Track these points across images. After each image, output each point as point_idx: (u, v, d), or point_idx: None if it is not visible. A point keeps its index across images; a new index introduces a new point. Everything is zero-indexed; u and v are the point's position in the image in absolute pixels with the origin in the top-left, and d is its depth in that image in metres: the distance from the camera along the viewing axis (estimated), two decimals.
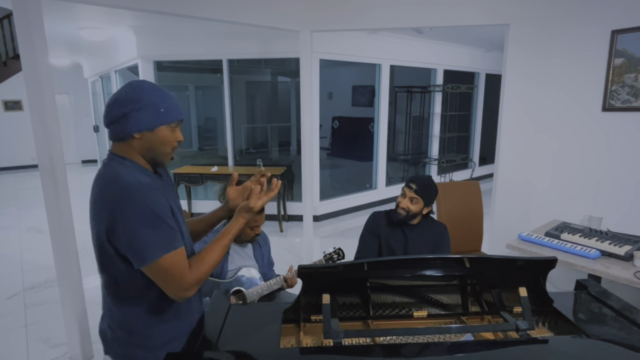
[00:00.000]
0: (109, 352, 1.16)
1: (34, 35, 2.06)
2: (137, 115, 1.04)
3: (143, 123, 1.05)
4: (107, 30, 4.92)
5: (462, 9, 3.01)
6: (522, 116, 3.02)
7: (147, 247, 1.00)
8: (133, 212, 0.99)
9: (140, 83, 1.08)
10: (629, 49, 2.53)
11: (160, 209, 1.03)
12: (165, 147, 1.10)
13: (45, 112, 2.14)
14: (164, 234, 1.02)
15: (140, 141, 1.07)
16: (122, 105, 1.04)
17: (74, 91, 9.71)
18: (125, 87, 1.07)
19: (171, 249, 1.02)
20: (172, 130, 1.10)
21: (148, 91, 1.06)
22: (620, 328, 1.22)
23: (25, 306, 3.10)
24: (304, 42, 3.36)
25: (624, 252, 2.06)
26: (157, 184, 1.10)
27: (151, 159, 1.11)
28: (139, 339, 1.11)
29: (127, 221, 0.99)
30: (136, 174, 1.06)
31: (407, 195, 1.96)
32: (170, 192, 1.18)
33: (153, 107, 1.05)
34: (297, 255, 4.08)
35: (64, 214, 2.26)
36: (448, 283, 1.35)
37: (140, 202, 1.00)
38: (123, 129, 1.06)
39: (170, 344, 1.14)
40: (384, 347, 1.15)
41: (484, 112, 7.53)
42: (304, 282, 1.20)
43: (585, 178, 2.84)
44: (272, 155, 6.19)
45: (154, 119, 1.06)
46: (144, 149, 1.09)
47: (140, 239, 1.00)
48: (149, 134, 1.07)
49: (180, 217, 1.16)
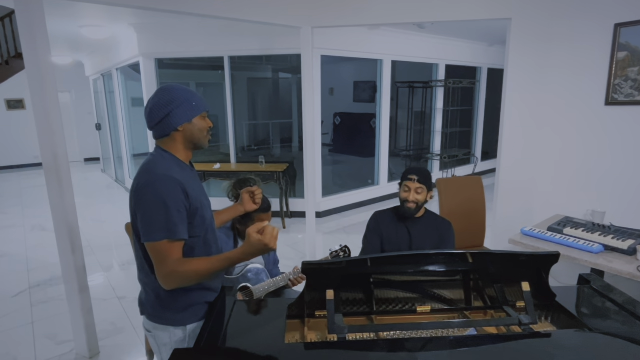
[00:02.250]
0: (144, 313, 1.37)
1: (37, 33, 2.07)
2: (176, 112, 1.26)
3: (183, 117, 1.27)
4: (108, 28, 4.92)
5: (463, 3, 2.99)
6: (525, 111, 3.01)
7: (151, 227, 1.17)
8: (151, 196, 1.18)
9: (171, 86, 1.30)
10: (633, 42, 2.51)
11: (174, 201, 1.18)
12: (202, 133, 1.32)
13: (49, 111, 2.15)
14: (170, 222, 1.17)
15: (183, 133, 1.29)
16: (164, 107, 1.26)
17: (75, 89, 9.73)
18: (161, 93, 1.28)
19: (171, 237, 1.18)
20: (204, 118, 1.33)
21: (179, 91, 1.28)
22: (623, 322, 1.23)
23: (32, 304, 3.13)
24: (305, 39, 3.35)
25: (627, 246, 2.05)
26: (188, 175, 1.29)
27: (194, 145, 1.33)
28: (166, 302, 1.30)
29: (144, 203, 1.19)
30: (170, 166, 1.25)
31: (411, 188, 1.99)
32: (198, 183, 1.37)
33: (187, 104, 1.27)
34: (300, 252, 4.09)
35: (68, 211, 2.28)
36: (451, 278, 1.35)
37: (159, 190, 1.18)
38: (168, 126, 1.27)
39: (192, 308, 1.33)
40: (388, 342, 1.16)
41: (486, 107, 7.50)
42: (308, 278, 1.21)
43: (588, 172, 2.83)
44: (274, 152, 6.19)
45: (189, 112, 1.28)
46: (186, 139, 1.31)
47: (148, 219, 1.18)
48: (188, 125, 1.29)
49: (205, 201, 1.35)
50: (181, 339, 1.33)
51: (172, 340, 1.33)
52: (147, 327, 1.37)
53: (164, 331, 1.33)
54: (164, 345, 1.35)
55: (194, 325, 1.33)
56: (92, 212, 5.77)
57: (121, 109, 6.69)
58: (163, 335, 1.34)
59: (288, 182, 5.08)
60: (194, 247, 1.30)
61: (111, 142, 7.82)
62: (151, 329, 1.36)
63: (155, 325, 1.34)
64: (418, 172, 2.01)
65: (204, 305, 1.36)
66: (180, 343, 1.33)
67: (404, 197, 2.02)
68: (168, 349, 1.34)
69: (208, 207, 1.38)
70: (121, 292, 3.29)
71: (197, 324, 1.33)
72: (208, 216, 1.36)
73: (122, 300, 3.16)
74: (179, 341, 1.33)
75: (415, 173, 2.00)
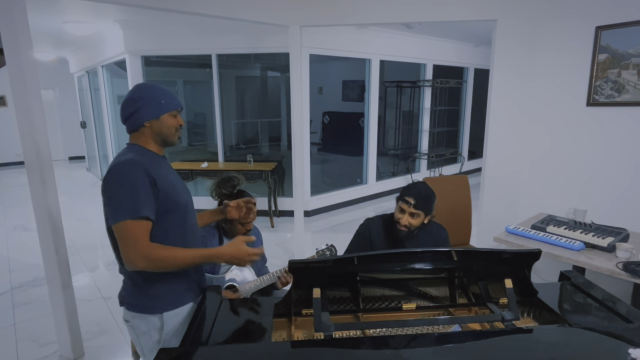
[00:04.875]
0: (123, 304, 1.40)
1: (18, 29, 2.02)
2: (144, 109, 1.33)
3: (150, 114, 1.34)
4: (93, 25, 4.83)
5: (450, 4, 3.03)
6: (510, 111, 3.07)
7: (117, 209, 1.22)
8: (116, 180, 1.23)
9: (144, 84, 1.40)
10: (613, 45, 2.57)
11: (136, 182, 1.22)
12: (170, 130, 1.38)
13: (31, 108, 2.11)
14: (132, 202, 1.21)
15: (150, 128, 1.35)
16: (133, 103, 1.33)
17: (59, 86, 9.53)
18: (133, 89, 1.37)
19: (135, 217, 1.21)
20: (174, 116, 1.38)
21: (150, 89, 1.36)
22: (602, 317, 1.26)
23: (14, 305, 3.06)
24: (293, 37, 3.35)
25: (606, 243, 2.11)
26: (157, 162, 1.34)
27: (162, 140, 1.38)
28: (142, 289, 1.35)
29: (110, 186, 1.24)
30: (135, 154, 1.29)
31: (406, 211, 1.79)
32: (171, 171, 1.41)
33: (156, 101, 1.34)
34: (288, 251, 4.09)
35: (52, 210, 2.24)
36: (436, 276, 1.37)
37: (121, 173, 1.23)
38: (136, 122, 1.34)
39: (168, 294, 1.36)
40: (374, 339, 1.17)
41: (472, 107, 7.60)
42: (294, 276, 1.21)
43: (570, 172, 2.90)
44: (262, 151, 6.17)
45: (157, 109, 1.34)
46: (154, 134, 1.37)
47: (114, 201, 1.23)
48: (156, 122, 1.35)
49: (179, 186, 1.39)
50: (159, 327, 1.36)
51: (149, 328, 1.37)
52: (126, 317, 1.40)
53: (141, 319, 1.37)
54: (142, 334, 1.38)
55: (171, 314, 1.36)
56: (77, 211, 5.66)
57: (107, 106, 6.58)
58: (140, 323, 1.37)
59: (276, 180, 5.07)
60: (168, 231, 1.32)
61: (96, 140, 7.69)
62: (129, 319, 1.39)
63: (133, 314, 1.37)
64: (417, 195, 1.78)
65: (182, 292, 1.39)
66: (158, 331, 1.37)
67: (397, 218, 1.83)
68: (147, 337, 1.38)
69: (183, 192, 1.40)
70: (106, 293, 3.24)
71: (174, 311, 1.36)
72: (183, 200, 1.37)
73: (108, 300, 3.12)
74: (156, 329, 1.37)
75: (414, 196, 1.78)
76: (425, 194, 1.81)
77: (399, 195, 1.86)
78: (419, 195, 1.79)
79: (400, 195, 1.85)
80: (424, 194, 1.81)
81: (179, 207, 1.35)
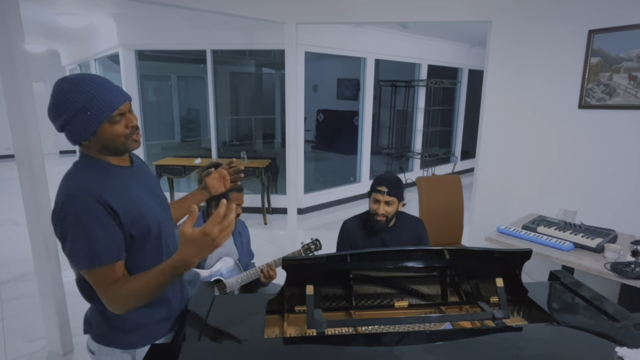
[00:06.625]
0: (89, 332, 1.19)
1: (9, 19, 1.99)
2: (70, 127, 1.00)
3: (81, 132, 1.01)
4: (85, 17, 4.77)
5: (446, 4, 3.04)
6: (503, 112, 3.09)
7: (74, 258, 1.00)
8: (66, 222, 0.97)
9: (59, 88, 0.99)
10: (605, 49, 2.61)
11: (93, 222, 0.97)
12: (118, 139, 1.04)
13: (22, 101, 2.08)
14: (92, 248, 0.98)
15: (92, 143, 1.04)
16: (55, 120, 1.01)
17: (50, 79, 9.39)
18: (50, 98, 1.00)
19: (95, 265, 0.99)
20: (116, 122, 1.02)
21: (70, 97, 0.98)
22: (590, 316, 1.28)
23: (2, 300, 3.03)
24: (289, 34, 3.34)
25: (595, 244, 2.14)
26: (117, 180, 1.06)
27: (114, 151, 1.07)
28: (113, 321, 1.12)
29: (60, 229, 0.99)
30: (88, 175, 1.04)
31: (380, 200, 1.88)
32: (142, 177, 1.16)
33: (81, 114, 0.98)
34: (280, 248, 4.09)
35: (42, 205, 2.21)
36: (428, 274, 1.38)
37: (74, 213, 0.97)
38: (71, 139, 1.03)
39: (143, 329, 1.16)
40: (366, 336, 1.18)
41: (466, 108, 7.65)
42: (288, 273, 1.21)
43: (561, 173, 2.94)
44: (256, 148, 6.15)
45: (87, 124, 0.99)
46: (99, 148, 1.06)
47: (68, 248, 0.99)
48: (94, 138, 1.03)
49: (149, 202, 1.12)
50: None
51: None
52: (91, 348, 1.18)
53: (109, 355, 1.15)
54: None
55: (144, 350, 1.09)
56: None
57: None
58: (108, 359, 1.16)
59: (270, 178, 5.06)
60: (144, 255, 1.10)
61: None
62: (95, 351, 1.17)
63: (100, 347, 1.16)
64: (388, 182, 1.88)
65: (160, 323, 1.19)
66: None
67: (374, 210, 1.90)
68: None
69: (153, 208, 1.13)
70: None
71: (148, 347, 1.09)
72: (154, 220, 1.11)
73: None
74: None
75: (385, 184, 1.87)
76: (395, 180, 1.92)
77: (371, 188, 1.95)
78: (390, 182, 1.89)
79: (372, 187, 1.94)
80: (394, 181, 1.91)
81: (150, 229, 1.09)
